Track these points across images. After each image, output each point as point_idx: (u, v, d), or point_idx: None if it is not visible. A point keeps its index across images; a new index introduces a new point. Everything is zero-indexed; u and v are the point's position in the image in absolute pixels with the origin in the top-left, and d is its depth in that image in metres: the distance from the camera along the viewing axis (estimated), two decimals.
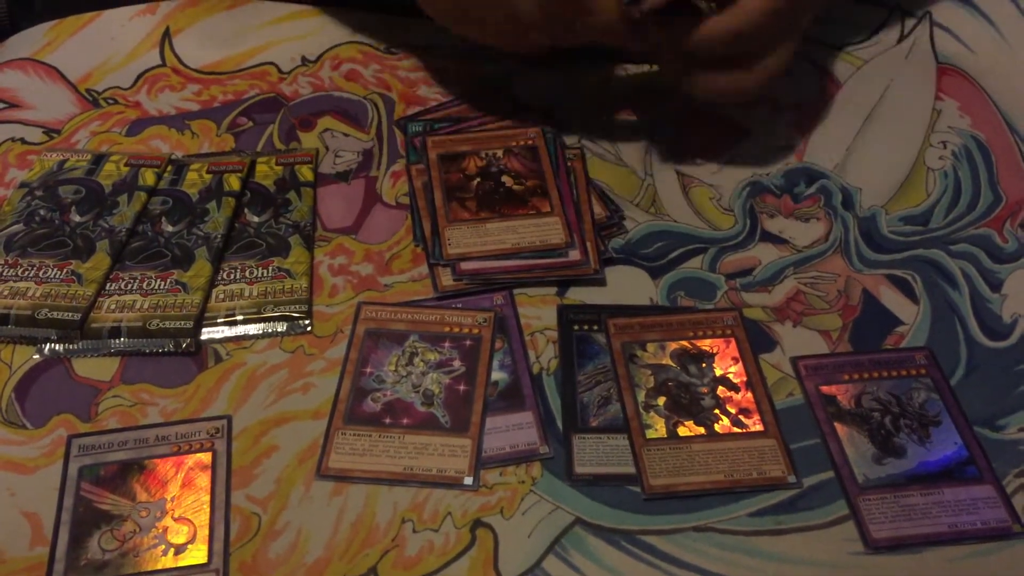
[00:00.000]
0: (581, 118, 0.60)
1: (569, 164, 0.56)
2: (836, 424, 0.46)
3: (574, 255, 0.51)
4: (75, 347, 0.48)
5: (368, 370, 0.47)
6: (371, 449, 0.44)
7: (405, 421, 0.46)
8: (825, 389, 0.47)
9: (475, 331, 0.49)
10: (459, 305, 0.50)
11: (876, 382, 0.47)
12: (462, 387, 0.47)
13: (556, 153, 0.56)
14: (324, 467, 0.44)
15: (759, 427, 0.45)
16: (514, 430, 0.46)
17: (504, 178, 0.55)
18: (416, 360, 0.48)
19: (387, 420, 0.45)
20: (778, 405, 0.47)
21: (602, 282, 0.51)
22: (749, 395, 0.46)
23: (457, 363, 0.48)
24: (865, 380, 0.47)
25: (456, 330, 0.49)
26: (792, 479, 0.43)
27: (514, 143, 0.57)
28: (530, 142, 0.57)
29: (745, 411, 0.46)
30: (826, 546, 0.42)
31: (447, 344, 0.48)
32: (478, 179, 0.55)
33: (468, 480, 0.44)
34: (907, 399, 0.47)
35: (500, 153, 0.56)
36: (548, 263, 0.51)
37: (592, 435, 0.45)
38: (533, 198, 0.54)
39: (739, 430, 0.45)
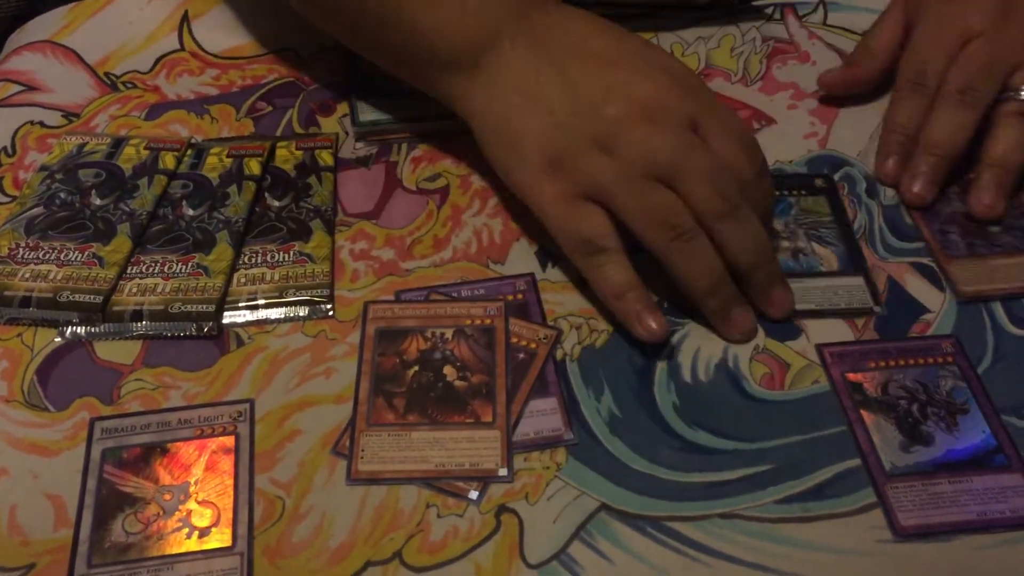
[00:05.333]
0: None
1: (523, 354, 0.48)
2: (862, 411, 0.45)
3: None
4: (97, 330, 0.48)
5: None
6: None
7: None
8: (851, 376, 0.47)
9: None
10: (476, 291, 0.50)
11: (903, 370, 0.47)
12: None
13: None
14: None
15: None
16: (538, 416, 0.45)
17: (446, 369, 0.47)
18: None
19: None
20: (803, 393, 0.46)
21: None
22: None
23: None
24: (892, 368, 0.47)
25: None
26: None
27: (468, 321, 0.49)
28: (488, 321, 0.49)
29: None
30: (853, 533, 0.41)
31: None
32: (415, 368, 0.47)
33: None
34: (934, 387, 0.46)
35: (449, 335, 0.48)
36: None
37: None
38: (475, 400, 0.46)
39: None
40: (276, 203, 0.54)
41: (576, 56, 0.49)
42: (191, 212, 0.53)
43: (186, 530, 0.41)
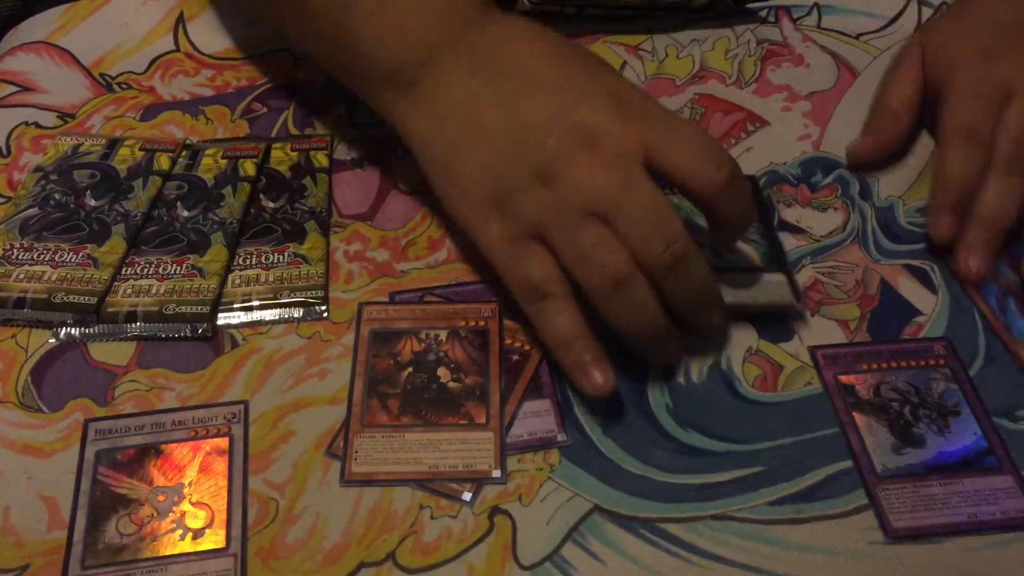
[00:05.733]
0: None
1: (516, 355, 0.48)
2: (855, 413, 0.46)
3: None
4: (91, 331, 0.48)
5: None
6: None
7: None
8: (844, 378, 0.47)
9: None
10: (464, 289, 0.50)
11: (895, 372, 0.47)
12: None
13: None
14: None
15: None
16: (532, 417, 0.46)
17: (440, 370, 0.47)
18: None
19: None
20: (796, 394, 0.47)
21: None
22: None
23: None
24: (884, 370, 0.47)
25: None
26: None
27: (462, 322, 0.49)
28: (482, 323, 0.48)
29: None
30: (845, 535, 0.42)
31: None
32: (410, 369, 0.47)
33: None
34: (926, 389, 0.47)
35: (443, 336, 0.48)
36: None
37: None
38: (469, 402, 0.46)
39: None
40: (271, 204, 0.54)
41: (517, 79, 0.46)
42: (186, 213, 0.53)
43: (180, 531, 0.41)
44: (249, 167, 0.55)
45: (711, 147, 0.45)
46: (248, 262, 0.51)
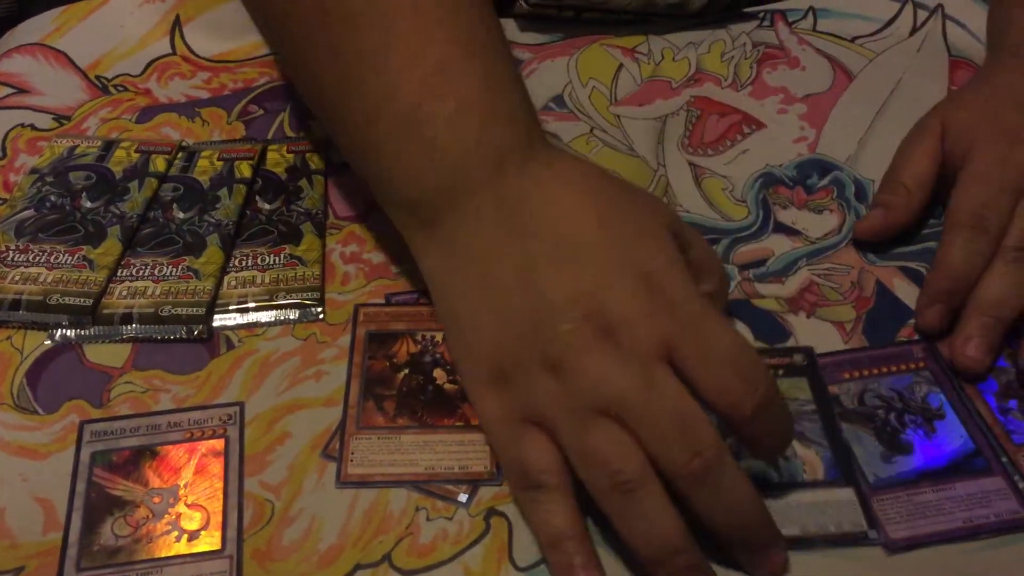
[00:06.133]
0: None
1: None
2: (842, 423, 0.45)
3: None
4: (87, 333, 0.48)
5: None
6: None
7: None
8: (828, 389, 0.47)
9: None
10: None
11: (877, 379, 0.47)
12: None
13: None
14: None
15: None
16: None
17: (436, 372, 0.46)
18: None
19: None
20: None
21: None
22: None
23: None
24: (866, 377, 0.47)
25: None
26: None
27: None
28: None
29: None
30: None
31: None
32: (406, 371, 0.46)
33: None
34: (909, 394, 0.46)
35: (439, 337, 0.47)
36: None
37: None
38: (465, 403, 0.45)
39: None
40: (267, 206, 0.54)
41: (544, 241, 0.41)
42: (182, 215, 0.53)
43: (175, 533, 0.41)
44: (245, 169, 0.55)
45: (745, 364, 0.39)
46: (244, 264, 0.51)
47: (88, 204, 0.53)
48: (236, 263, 0.51)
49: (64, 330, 0.48)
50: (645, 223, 0.42)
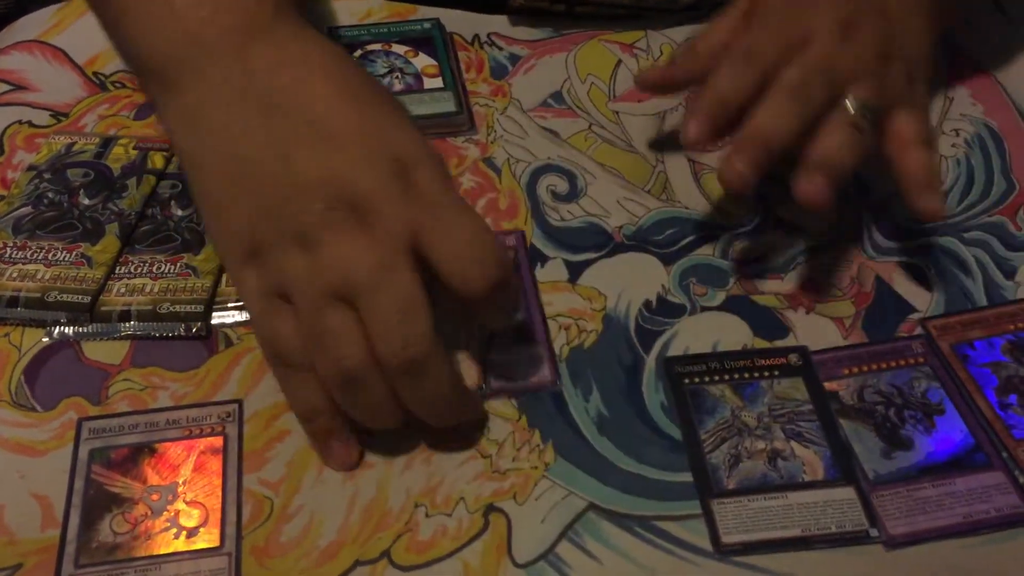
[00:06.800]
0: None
1: None
2: (841, 420, 0.45)
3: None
4: (85, 330, 0.48)
5: None
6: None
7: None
8: (828, 386, 0.47)
9: None
10: None
11: (876, 374, 0.47)
12: None
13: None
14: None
15: None
16: (525, 364, 0.47)
17: None
18: None
19: None
20: None
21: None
22: None
23: None
24: (865, 373, 0.47)
25: None
26: None
27: None
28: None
29: None
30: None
31: None
32: None
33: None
34: (908, 389, 0.46)
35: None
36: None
37: (731, 499, 0.42)
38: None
39: None
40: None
41: (296, 121, 0.41)
42: (180, 212, 0.53)
43: (174, 530, 0.41)
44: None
45: (483, 248, 0.40)
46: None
47: (86, 201, 0.53)
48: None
49: (62, 327, 0.48)
50: (398, 115, 0.44)
